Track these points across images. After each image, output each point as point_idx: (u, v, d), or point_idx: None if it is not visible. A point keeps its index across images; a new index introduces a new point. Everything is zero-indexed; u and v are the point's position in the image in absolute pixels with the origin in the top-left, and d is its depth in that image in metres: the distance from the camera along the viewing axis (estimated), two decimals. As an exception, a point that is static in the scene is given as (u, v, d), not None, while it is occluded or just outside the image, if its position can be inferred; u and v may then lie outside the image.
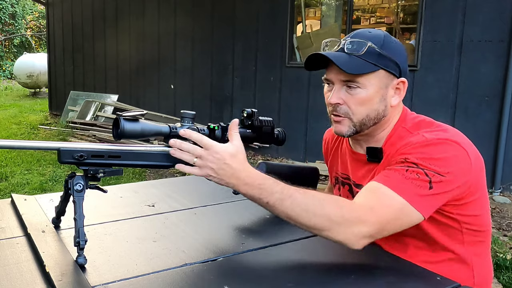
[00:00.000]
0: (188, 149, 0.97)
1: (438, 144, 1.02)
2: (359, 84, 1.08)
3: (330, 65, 1.11)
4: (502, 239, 3.28)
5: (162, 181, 1.64)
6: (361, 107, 1.10)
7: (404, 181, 0.98)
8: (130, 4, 7.73)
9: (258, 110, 1.17)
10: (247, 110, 1.16)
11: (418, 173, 0.98)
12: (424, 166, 0.99)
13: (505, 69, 4.08)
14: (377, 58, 1.08)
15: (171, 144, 0.98)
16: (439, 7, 4.41)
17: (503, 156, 4.16)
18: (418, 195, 0.97)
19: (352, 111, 1.11)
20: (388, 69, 1.10)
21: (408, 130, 1.12)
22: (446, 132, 1.07)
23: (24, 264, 0.90)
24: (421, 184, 0.98)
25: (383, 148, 1.13)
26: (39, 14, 20.52)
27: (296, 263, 0.95)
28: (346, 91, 1.10)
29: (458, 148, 1.02)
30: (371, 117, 1.11)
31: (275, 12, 5.68)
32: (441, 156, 1.00)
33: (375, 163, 1.14)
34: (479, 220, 1.11)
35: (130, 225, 1.14)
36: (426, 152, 1.01)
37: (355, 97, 1.09)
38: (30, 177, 4.78)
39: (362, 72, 1.07)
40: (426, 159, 1.00)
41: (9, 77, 17.67)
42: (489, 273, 1.21)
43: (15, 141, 0.89)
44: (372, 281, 0.88)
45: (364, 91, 1.09)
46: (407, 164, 1.01)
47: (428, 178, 0.98)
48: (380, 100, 1.11)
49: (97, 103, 7.53)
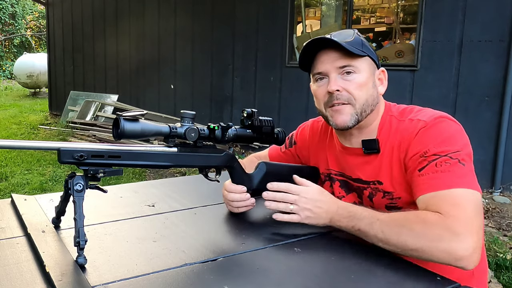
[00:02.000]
0: (282, 198, 1.08)
1: (436, 123, 1.08)
2: (354, 68, 1.13)
3: (323, 56, 1.16)
4: (502, 239, 3.28)
5: (162, 181, 1.64)
6: (360, 91, 1.14)
7: (445, 175, 1.01)
8: (130, 4, 7.73)
9: (258, 110, 1.18)
10: (247, 110, 1.16)
11: (446, 161, 1.03)
12: (444, 151, 1.03)
13: (505, 69, 4.08)
14: (362, 46, 1.14)
15: (264, 197, 1.10)
16: (439, 7, 4.41)
17: (503, 156, 4.16)
18: (463, 177, 1.01)
19: (353, 96, 1.13)
20: (372, 57, 1.16)
21: (396, 118, 1.17)
22: (431, 110, 1.14)
23: (24, 264, 0.90)
24: (457, 168, 1.01)
25: (378, 138, 1.17)
26: (39, 14, 20.51)
27: (296, 263, 0.95)
28: (343, 79, 1.14)
29: (452, 122, 1.09)
30: (369, 103, 1.15)
31: (275, 12, 5.68)
32: (447, 135, 1.06)
33: (374, 154, 1.17)
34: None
35: (130, 225, 1.14)
36: (434, 136, 1.06)
37: (353, 82, 1.14)
38: (30, 177, 4.78)
39: (358, 54, 1.12)
40: (439, 143, 1.05)
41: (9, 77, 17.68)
42: (485, 263, 1.23)
43: (15, 141, 0.89)
44: (372, 281, 0.87)
45: (360, 76, 1.14)
46: (430, 159, 1.04)
47: (455, 159, 1.02)
48: (372, 86, 1.17)
49: (97, 103, 7.53)
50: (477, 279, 1.15)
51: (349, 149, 1.23)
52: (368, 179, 1.19)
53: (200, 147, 1.09)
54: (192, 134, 1.04)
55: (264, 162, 1.28)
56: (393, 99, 1.27)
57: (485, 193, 4.22)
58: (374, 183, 1.18)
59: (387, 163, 1.15)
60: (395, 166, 1.13)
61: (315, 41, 1.15)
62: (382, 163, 1.15)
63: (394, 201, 1.15)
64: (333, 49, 1.14)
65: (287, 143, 1.45)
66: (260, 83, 5.91)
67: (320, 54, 1.16)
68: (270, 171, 1.27)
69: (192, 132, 1.04)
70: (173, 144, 1.04)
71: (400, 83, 4.60)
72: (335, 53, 1.14)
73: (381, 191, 1.17)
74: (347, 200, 1.26)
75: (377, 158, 1.16)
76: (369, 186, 1.19)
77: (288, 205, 1.07)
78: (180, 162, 1.07)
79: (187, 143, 1.06)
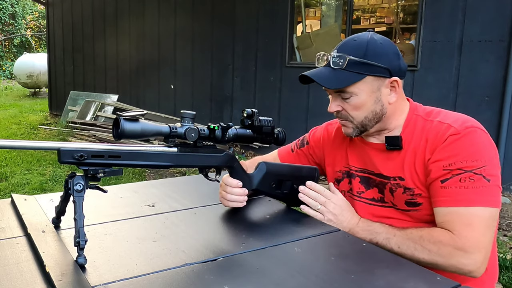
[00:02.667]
0: (315, 197, 1.22)
1: (467, 134, 1.10)
2: (350, 94, 1.17)
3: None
4: (502, 239, 3.28)
5: (162, 181, 1.64)
6: (357, 111, 1.19)
7: (468, 192, 1.06)
8: (130, 4, 7.73)
9: (258, 110, 1.18)
10: (247, 110, 1.16)
11: (471, 177, 1.06)
12: (470, 167, 1.07)
13: (505, 69, 4.08)
14: (360, 67, 1.15)
15: (301, 190, 1.23)
16: (439, 7, 4.41)
17: (503, 156, 4.16)
18: (486, 195, 1.05)
19: (351, 116, 1.21)
20: (375, 73, 1.16)
21: (423, 117, 1.20)
22: (460, 116, 1.17)
23: (24, 264, 0.90)
24: (481, 184, 1.06)
25: (402, 136, 1.20)
26: (39, 14, 20.52)
27: (296, 263, 0.95)
28: (342, 99, 1.20)
29: (483, 133, 1.12)
30: (369, 118, 1.20)
31: (275, 12, 5.68)
32: (476, 148, 1.08)
33: (396, 150, 1.20)
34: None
35: (130, 225, 1.14)
36: (460, 148, 1.09)
37: (350, 104, 1.19)
38: (30, 177, 4.78)
39: (345, 85, 1.15)
40: (466, 156, 1.07)
41: (9, 77, 17.68)
42: (496, 258, 1.25)
43: (15, 141, 0.89)
44: (372, 281, 0.87)
45: (356, 98, 1.17)
46: (455, 173, 1.08)
47: (480, 175, 1.06)
48: (375, 102, 1.19)
49: (97, 103, 7.52)
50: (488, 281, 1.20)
51: (371, 144, 1.27)
52: (389, 175, 1.21)
53: (200, 147, 1.09)
54: (192, 134, 1.04)
55: (264, 162, 1.28)
56: (393, 99, 1.27)
57: (485, 193, 4.22)
58: (395, 178, 1.20)
59: (410, 160, 1.17)
60: (419, 165, 1.16)
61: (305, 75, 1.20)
62: (405, 160, 1.18)
63: (415, 197, 1.18)
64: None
65: (298, 144, 1.49)
66: (260, 83, 5.91)
67: None
68: (270, 171, 1.27)
69: (192, 132, 1.04)
70: (173, 144, 1.04)
71: (400, 83, 4.59)
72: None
73: (402, 186, 1.19)
74: (366, 196, 1.31)
75: (400, 154, 1.20)
76: (389, 182, 1.21)
77: (317, 204, 1.21)
78: (180, 162, 1.07)
79: (187, 143, 1.06)
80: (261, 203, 1.35)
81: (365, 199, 1.29)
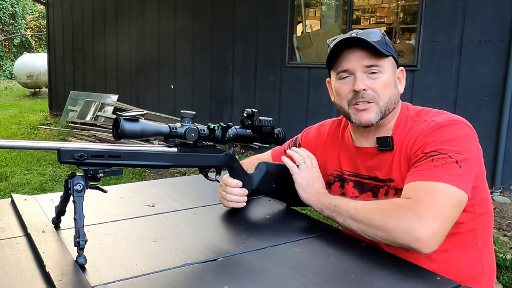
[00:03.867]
0: (301, 153, 1.27)
1: (448, 125, 1.08)
2: (380, 68, 1.15)
3: (350, 54, 1.15)
4: (502, 239, 3.28)
5: (162, 181, 1.64)
6: (385, 90, 1.16)
7: (436, 170, 1.02)
8: (130, 4, 7.73)
9: (258, 110, 1.18)
10: (247, 110, 1.16)
11: (444, 158, 1.03)
12: (445, 150, 1.04)
13: (505, 69, 4.08)
14: (386, 46, 1.15)
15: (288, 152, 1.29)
16: (439, 7, 4.41)
17: (503, 156, 4.16)
18: (454, 175, 1.01)
19: (378, 95, 1.15)
20: (395, 56, 1.18)
21: (412, 118, 1.19)
22: (448, 114, 1.15)
23: (24, 264, 0.90)
24: (451, 167, 1.02)
25: (393, 136, 1.18)
26: (39, 14, 20.52)
27: (296, 263, 0.95)
28: (369, 77, 1.15)
29: (466, 127, 1.10)
30: (392, 101, 1.17)
31: (275, 12, 5.68)
32: (454, 136, 1.06)
33: (388, 151, 1.18)
34: (485, 202, 1.16)
35: (130, 225, 1.14)
36: (441, 136, 1.07)
37: (379, 81, 1.15)
38: (30, 177, 4.78)
39: (385, 54, 1.13)
40: (443, 142, 1.06)
41: (9, 77, 17.68)
42: (494, 263, 1.24)
43: (15, 141, 0.89)
44: (372, 281, 0.87)
45: (384, 75, 1.15)
46: (429, 155, 1.05)
47: (454, 159, 1.03)
48: (394, 85, 1.19)
49: (97, 103, 7.52)
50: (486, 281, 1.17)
51: (363, 148, 1.24)
52: (384, 177, 1.20)
53: (200, 147, 1.09)
54: (192, 134, 1.04)
55: (264, 162, 1.28)
56: (393, 99, 1.27)
57: (485, 193, 4.22)
58: (387, 181, 1.19)
59: (397, 160, 1.16)
60: (403, 162, 1.15)
61: (344, 39, 1.15)
62: (394, 161, 1.17)
63: None
64: (360, 47, 1.14)
65: (291, 145, 1.46)
66: (260, 83, 5.91)
67: (346, 52, 1.16)
68: (270, 171, 1.27)
69: (192, 132, 1.04)
70: (173, 144, 1.04)
71: (400, 83, 4.60)
72: (362, 52, 1.14)
73: (393, 188, 1.18)
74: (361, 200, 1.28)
75: (390, 155, 1.18)
76: (385, 184, 1.20)
77: (301, 159, 1.24)
78: (180, 162, 1.07)
79: (187, 143, 1.06)
80: (261, 203, 1.35)
81: None
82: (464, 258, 1.11)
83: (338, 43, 1.15)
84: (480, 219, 1.16)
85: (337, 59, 1.18)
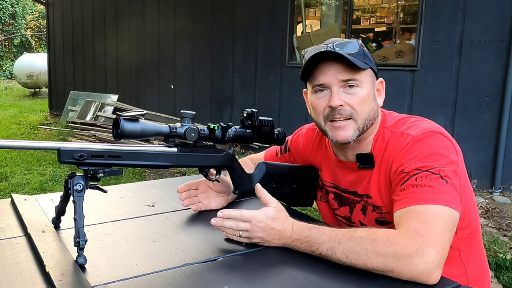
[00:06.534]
0: (232, 226, 1.01)
1: (423, 138, 1.04)
2: (357, 82, 1.08)
3: (326, 67, 1.09)
4: (502, 239, 3.28)
5: (162, 181, 1.64)
6: (363, 106, 1.09)
7: (424, 191, 0.96)
8: (130, 4, 7.73)
9: (258, 110, 1.17)
10: (247, 110, 1.16)
11: (427, 176, 0.98)
12: (426, 167, 1.00)
13: (505, 69, 4.08)
14: (365, 57, 1.09)
15: (213, 224, 1.03)
16: (439, 7, 4.41)
17: (503, 156, 4.16)
18: (443, 194, 0.96)
19: (356, 111, 1.09)
20: (373, 68, 1.12)
21: (389, 129, 1.13)
22: (424, 123, 1.10)
23: (24, 264, 0.90)
24: (437, 183, 0.97)
25: (373, 153, 1.13)
26: (39, 14, 20.52)
27: (297, 263, 0.95)
28: (345, 92, 1.09)
29: (442, 137, 1.05)
30: (370, 117, 1.11)
31: (275, 12, 5.68)
32: (433, 151, 1.02)
33: (368, 169, 1.14)
34: (467, 215, 1.08)
35: (130, 225, 1.14)
36: (418, 151, 1.03)
37: (356, 96, 1.09)
38: (30, 177, 4.78)
39: (362, 68, 1.07)
40: (422, 158, 1.01)
41: (9, 77, 17.68)
42: (485, 269, 1.20)
43: (15, 141, 0.89)
44: (372, 281, 0.87)
45: (362, 90, 1.09)
46: (411, 173, 1.00)
47: (437, 175, 0.98)
48: (373, 99, 1.13)
49: (97, 103, 7.52)
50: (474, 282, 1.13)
51: (345, 162, 1.20)
52: (362, 193, 1.16)
53: (200, 147, 1.09)
54: (192, 134, 1.04)
55: (264, 162, 1.28)
56: (393, 99, 1.26)
57: (485, 193, 4.22)
58: (365, 196, 1.16)
59: (376, 177, 1.12)
60: (382, 180, 1.10)
61: (320, 53, 1.08)
62: (372, 177, 1.13)
63: (383, 216, 1.13)
64: (336, 60, 1.08)
65: (283, 149, 1.42)
66: (260, 83, 5.91)
67: (322, 64, 1.09)
68: (270, 171, 1.27)
69: (192, 132, 1.04)
70: (173, 144, 1.05)
71: (400, 83, 4.60)
72: (339, 65, 1.07)
73: (371, 205, 1.14)
74: (339, 213, 1.25)
75: (370, 171, 1.14)
76: (362, 200, 1.17)
77: (238, 232, 1.02)
78: (180, 162, 1.08)
79: (187, 143, 1.06)
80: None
81: (339, 216, 1.26)
82: (446, 272, 1.05)
83: (313, 57, 1.08)
84: (463, 233, 1.10)
85: (313, 71, 1.11)
